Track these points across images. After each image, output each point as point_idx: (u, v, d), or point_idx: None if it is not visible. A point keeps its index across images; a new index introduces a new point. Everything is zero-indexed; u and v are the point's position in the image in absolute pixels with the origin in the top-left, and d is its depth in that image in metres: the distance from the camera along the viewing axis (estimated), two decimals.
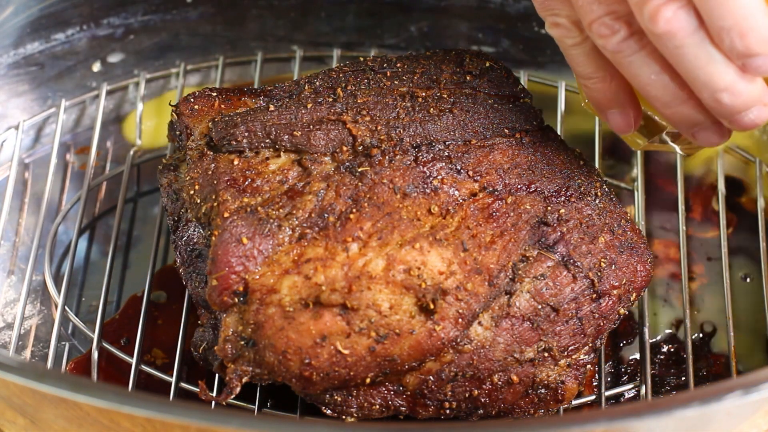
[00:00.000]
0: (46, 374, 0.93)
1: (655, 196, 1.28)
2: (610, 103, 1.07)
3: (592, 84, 1.06)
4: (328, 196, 1.06)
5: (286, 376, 1.02)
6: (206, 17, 1.39)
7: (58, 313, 1.17)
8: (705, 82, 0.98)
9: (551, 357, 1.06)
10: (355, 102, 1.11)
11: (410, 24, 1.40)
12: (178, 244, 1.11)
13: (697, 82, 0.98)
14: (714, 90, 0.98)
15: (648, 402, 0.93)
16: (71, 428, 1.00)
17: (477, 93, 1.13)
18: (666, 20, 0.95)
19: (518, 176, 1.10)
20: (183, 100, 1.13)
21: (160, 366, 1.15)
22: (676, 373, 1.16)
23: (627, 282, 1.09)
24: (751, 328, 1.19)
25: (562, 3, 1.03)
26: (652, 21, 0.96)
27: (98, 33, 1.37)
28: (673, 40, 0.96)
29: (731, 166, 1.30)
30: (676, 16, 0.95)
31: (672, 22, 0.95)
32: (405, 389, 1.05)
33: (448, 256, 1.04)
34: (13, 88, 1.34)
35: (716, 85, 0.98)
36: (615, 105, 1.07)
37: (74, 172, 1.30)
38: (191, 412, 0.90)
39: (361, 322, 1.02)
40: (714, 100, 0.99)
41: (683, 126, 1.04)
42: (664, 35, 0.96)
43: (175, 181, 1.14)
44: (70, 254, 1.20)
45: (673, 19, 0.95)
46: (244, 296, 1.02)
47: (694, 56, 0.97)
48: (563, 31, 1.04)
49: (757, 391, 0.91)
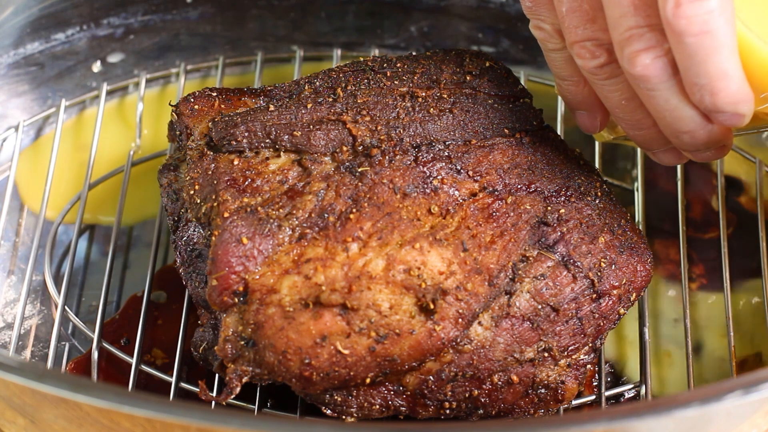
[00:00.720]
0: (46, 374, 0.92)
1: (655, 196, 1.28)
2: (580, 105, 1.11)
3: (565, 85, 1.10)
4: (328, 196, 1.06)
5: (286, 376, 1.02)
6: (206, 17, 1.39)
7: (58, 313, 1.17)
8: (670, 123, 1.03)
9: (551, 357, 1.06)
10: (355, 102, 1.11)
11: (410, 24, 1.40)
12: (178, 244, 1.11)
13: (662, 122, 1.03)
14: (677, 131, 1.03)
15: (648, 402, 0.93)
16: (71, 428, 1.00)
17: (477, 93, 1.13)
18: (643, 65, 0.99)
19: (518, 176, 1.10)
20: (183, 100, 1.13)
21: (160, 366, 1.15)
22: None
23: (627, 282, 1.09)
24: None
25: (548, 10, 1.06)
26: (630, 63, 1.00)
27: (98, 33, 1.37)
28: (647, 84, 1.00)
29: (731, 166, 1.30)
30: (653, 64, 0.99)
31: (648, 68, 0.99)
32: (405, 389, 1.05)
33: (448, 256, 1.04)
34: (13, 88, 1.34)
35: (680, 128, 1.03)
36: (585, 107, 1.11)
37: (74, 172, 1.30)
38: (191, 412, 0.90)
39: (361, 322, 1.02)
40: (676, 137, 1.04)
41: (643, 145, 1.09)
42: (639, 78, 1.00)
43: (175, 181, 1.14)
44: (70, 254, 1.20)
45: (651, 66, 0.99)
46: (244, 296, 1.02)
47: (663, 100, 1.01)
48: (546, 35, 1.07)
49: (757, 391, 0.91)
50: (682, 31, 0.96)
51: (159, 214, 1.22)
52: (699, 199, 1.28)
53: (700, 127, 1.03)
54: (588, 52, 1.03)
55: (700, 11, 0.95)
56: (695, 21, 0.95)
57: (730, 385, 0.92)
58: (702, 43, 0.96)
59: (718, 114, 1.00)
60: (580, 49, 1.03)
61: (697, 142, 1.04)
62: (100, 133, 1.29)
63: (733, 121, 1.00)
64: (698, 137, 1.03)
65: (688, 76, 0.98)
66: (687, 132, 1.03)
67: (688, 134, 1.03)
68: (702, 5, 0.95)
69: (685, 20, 0.95)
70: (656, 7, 0.97)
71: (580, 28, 1.03)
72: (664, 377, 1.17)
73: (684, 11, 0.95)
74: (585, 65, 1.04)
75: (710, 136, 1.03)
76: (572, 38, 1.03)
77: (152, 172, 1.24)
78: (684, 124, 1.02)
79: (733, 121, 1.00)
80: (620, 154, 1.32)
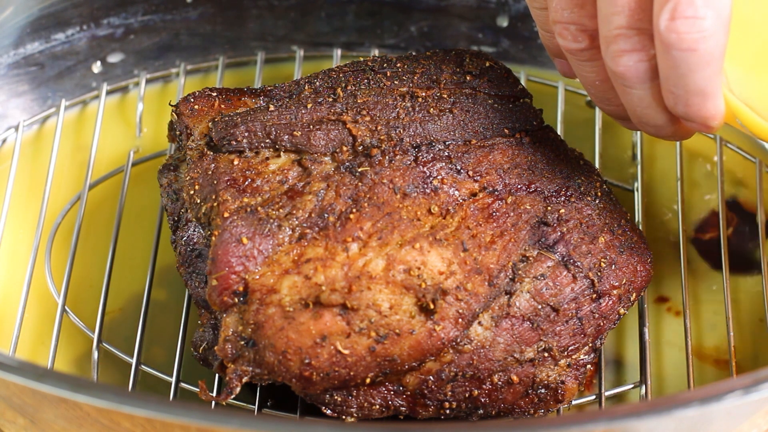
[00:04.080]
0: (46, 374, 0.92)
1: (654, 196, 1.28)
2: (558, 55, 1.11)
3: (547, 37, 1.10)
4: (328, 196, 1.06)
5: (286, 376, 1.02)
6: (206, 17, 1.39)
7: (58, 313, 1.17)
8: (639, 115, 1.05)
9: (551, 357, 1.06)
10: (355, 102, 1.11)
11: (410, 24, 1.40)
12: (178, 244, 1.11)
13: (632, 112, 1.05)
14: (645, 123, 1.05)
15: (648, 402, 0.93)
16: (71, 428, 1.00)
17: (477, 93, 1.13)
18: (626, 66, 1.01)
19: (518, 176, 1.10)
20: (183, 100, 1.13)
21: (160, 366, 1.15)
22: None
23: (627, 282, 1.09)
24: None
25: None
26: (613, 61, 1.01)
27: (98, 33, 1.37)
28: (625, 81, 1.02)
29: (731, 165, 1.29)
30: (635, 66, 1.01)
31: (630, 70, 1.01)
32: (405, 389, 1.05)
33: (448, 256, 1.04)
34: (13, 88, 1.34)
35: (648, 122, 1.05)
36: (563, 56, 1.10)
37: (74, 172, 1.30)
38: (191, 412, 0.90)
39: (361, 322, 1.02)
40: (641, 125, 1.06)
41: (611, 115, 1.10)
42: (618, 75, 1.01)
43: (175, 181, 1.14)
44: (70, 254, 1.20)
45: (633, 68, 1.01)
46: (244, 296, 1.02)
47: (638, 98, 1.03)
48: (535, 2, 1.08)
49: (757, 391, 0.91)
50: (671, 44, 0.97)
51: (159, 214, 1.22)
52: (699, 200, 1.28)
53: (667, 125, 1.05)
54: (570, 35, 1.04)
55: (693, 30, 0.96)
56: (686, 38, 0.96)
57: (730, 385, 0.92)
58: (687, 59, 0.97)
59: (688, 122, 1.02)
60: (563, 30, 1.04)
61: (661, 134, 1.06)
62: (100, 133, 1.29)
63: (701, 130, 1.03)
64: (663, 132, 1.06)
65: (667, 84, 1.00)
66: (653, 126, 1.05)
67: (654, 128, 1.05)
68: (695, 24, 0.96)
69: (676, 35, 0.96)
70: (650, 13, 0.98)
71: (567, 11, 1.03)
72: (664, 377, 1.17)
73: (677, 26, 0.96)
74: (565, 46, 1.04)
75: (675, 133, 1.06)
76: (556, 17, 1.04)
77: (152, 172, 1.24)
78: (652, 119, 1.04)
79: (702, 130, 1.03)
80: (620, 154, 1.32)
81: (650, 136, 1.10)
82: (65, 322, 1.18)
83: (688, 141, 1.30)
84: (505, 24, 1.39)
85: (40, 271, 1.22)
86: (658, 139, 1.25)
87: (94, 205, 1.27)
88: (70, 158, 1.31)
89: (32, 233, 1.25)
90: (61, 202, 1.27)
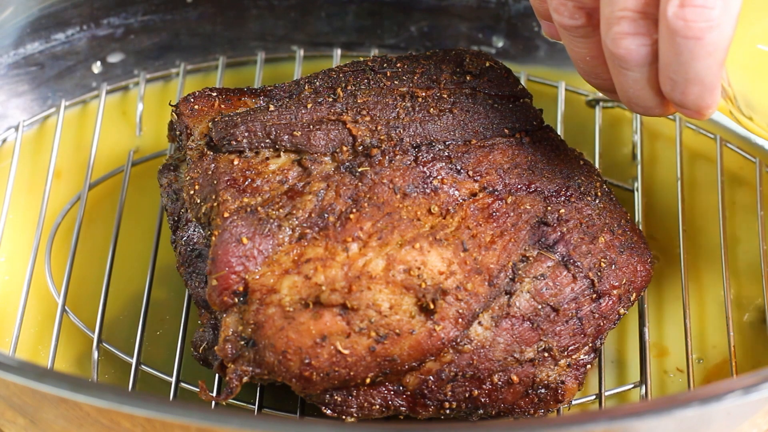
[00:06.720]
0: (46, 374, 0.92)
1: (654, 196, 1.28)
2: (546, 18, 1.09)
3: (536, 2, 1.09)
4: (328, 196, 1.06)
5: (286, 376, 1.02)
6: (206, 17, 1.39)
7: (58, 313, 1.17)
8: (630, 97, 1.04)
9: (551, 357, 1.06)
10: (355, 102, 1.11)
11: (410, 24, 1.40)
12: (178, 244, 1.11)
13: (622, 93, 1.04)
14: (634, 104, 1.04)
15: (648, 402, 0.93)
16: (71, 428, 1.00)
17: (477, 93, 1.13)
18: (627, 49, 0.99)
19: (518, 176, 1.10)
20: (183, 100, 1.13)
21: (160, 366, 1.15)
22: None
23: (627, 282, 1.09)
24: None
25: None
26: (614, 43, 0.99)
27: (98, 33, 1.37)
28: (623, 64, 1.01)
29: (731, 165, 1.29)
30: (637, 50, 0.99)
31: (631, 53, 1.00)
32: (405, 389, 1.05)
33: (448, 256, 1.04)
34: (13, 88, 1.34)
35: (638, 102, 1.04)
36: (551, 19, 1.09)
37: (74, 171, 1.30)
38: (191, 412, 0.90)
39: (361, 322, 1.02)
40: (629, 104, 1.05)
41: (597, 88, 1.09)
42: (617, 57, 1.00)
43: (175, 181, 1.14)
44: (70, 254, 1.20)
45: (634, 51, 0.99)
46: (244, 296, 1.02)
47: (633, 80, 1.02)
48: None
49: (757, 391, 0.91)
50: (677, 31, 0.96)
51: (159, 214, 1.22)
52: (698, 199, 1.28)
53: (657, 107, 1.04)
54: (567, 11, 1.03)
55: (701, 18, 0.95)
56: (692, 26, 0.95)
57: (730, 385, 0.92)
58: (691, 47, 0.96)
59: (681, 108, 1.01)
60: (560, 6, 1.03)
61: (648, 113, 1.05)
62: (100, 133, 1.29)
63: (692, 117, 1.02)
64: (651, 112, 1.05)
65: (667, 71, 0.99)
66: (643, 107, 1.04)
67: (643, 108, 1.05)
68: (704, 13, 0.95)
69: (683, 22, 0.95)
70: None
71: None
72: (664, 377, 1.17)
73: (685, 14, 0.95)
74: (560, 21, 1.03)
75: (662, 112, 1.05)
76: None
77: (152, 172, 1.24)
78: (643, 101, 1.03)
79: (693, 117, 1.02)
80: (620, 154, 1.32)
81: (650, 137, 1.10)
82: (65, 322, 1.18)
83: (689, 141, 1.30)
84: (505, 24, 1.39)
85: (40, 271, 1.22)
86: (658, 139, 1.25)
87: (94, 205, 1.27)
88: (70, 158, 1.31)
89: (32, 233, 1.25)
90: (61, 201, 1.27)
